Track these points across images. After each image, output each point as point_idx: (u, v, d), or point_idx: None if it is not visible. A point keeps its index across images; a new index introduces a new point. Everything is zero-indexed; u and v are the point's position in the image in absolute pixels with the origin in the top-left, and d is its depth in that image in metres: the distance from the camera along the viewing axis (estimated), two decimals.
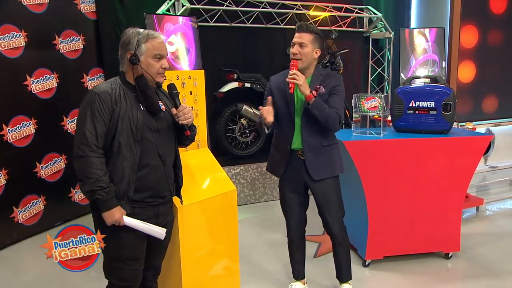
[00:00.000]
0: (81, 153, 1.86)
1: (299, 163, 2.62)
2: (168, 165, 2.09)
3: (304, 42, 2.50)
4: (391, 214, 3.25)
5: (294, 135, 2.60)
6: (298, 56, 2.51)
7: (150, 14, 4.10)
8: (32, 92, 3.97)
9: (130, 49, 1.96)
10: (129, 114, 1.94)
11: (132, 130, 1.94)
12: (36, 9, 3.98)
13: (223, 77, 4.91)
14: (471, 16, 4.71)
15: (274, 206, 4.89)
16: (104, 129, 1.90)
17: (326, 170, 2.62)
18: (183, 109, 2.08)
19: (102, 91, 1.92)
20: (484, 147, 3.32)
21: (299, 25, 2.55)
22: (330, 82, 2.56)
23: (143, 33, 1.98)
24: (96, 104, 1.89)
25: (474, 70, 4.86)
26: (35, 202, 4.07)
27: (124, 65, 2.01)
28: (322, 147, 2.59)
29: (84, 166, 1.85)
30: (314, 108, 2.44)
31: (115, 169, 1.92)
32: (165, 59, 2.04)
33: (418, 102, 3.27)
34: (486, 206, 4.63)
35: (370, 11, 5.90)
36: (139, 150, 1.96)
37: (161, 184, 2.07)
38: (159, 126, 2.05)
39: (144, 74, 1.99)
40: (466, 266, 3.37)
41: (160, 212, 2.10)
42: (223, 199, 2.84)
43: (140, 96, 1.99)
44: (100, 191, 1.85)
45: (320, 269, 3.29)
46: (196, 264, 2.68)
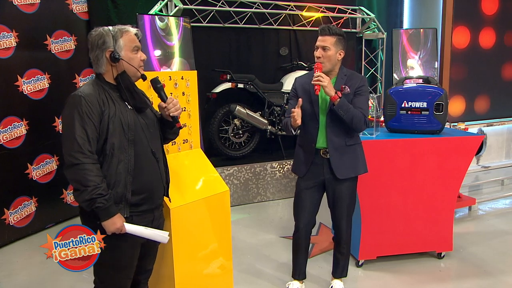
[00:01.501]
0: (74, 161, 1.77)
1: (322, 161, 2.66)
2: (160, 163, 2.07)
3: (327, 45, 2.53)
4: (384, 214, 3.26)
5: (318, 134, 2.64)
6: (321, 59, 2.54)
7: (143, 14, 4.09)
8: (23, 92, 3.95)
9: (107, 47, 1.90)
10: (119, 114, 1.89)
11: (124, 131, 1.89)
12: (27, 9, 3.95)
13: (216, 77, 4.90)
14: (463, 17, 4.75)
15: (267, 206, 4.90)
16: (95, 133, 1.83)
17: (349, 169, 2.67)
18: (172, 101, 2.06)
19: (87, 94, 1.85)
20: (476, 147, 3.34)
21: (321, 28, 2.57)
22: (355, 82, 2.60)
23: (115, 29, 1.94)
24: (84, 108, 1.81)
25: (466, 71, 4.90)
26: (26, 203, 4.04)
27: (102, 66, 1.94)
28: (346, 147, 2.64)
29: (80, 174, 1.77)
30: (340, 108, 2.48)
31: (110, 172, 1.86)
32: (141, 51, 2.01)
33: (411, 102, 3.29)
34: (478, 205, 4.67)
35: (363, 11, 5.92)
36: (133, 151, 1.91)
37: (157, 183, 2.04)
38: (147, 123, 2.02)
39: (127, 70, 1.95)
40: (458, 266, 3.39)
41: (155, 216, 2.07)
42: (216, 200, 2.84)
43: (126, 93, 1.94)
44: (100, 198, 1.77)
45: (314, 269, 3.29)
46: (189, 265, 2.67)
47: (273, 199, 5.07)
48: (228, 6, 4.97)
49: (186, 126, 2.94)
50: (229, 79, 4.87)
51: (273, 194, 5.08)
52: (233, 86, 4.88)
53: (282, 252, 3.58)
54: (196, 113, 3.02)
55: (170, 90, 2.81)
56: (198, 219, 2.72)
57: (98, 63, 1.94)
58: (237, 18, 5.13)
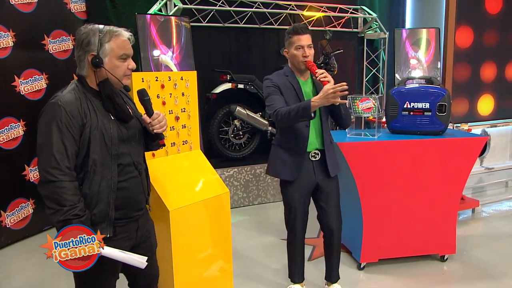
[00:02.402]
0: (51, 178, 1.64)
1: (311, 164, 2.67)
2: (142, 174, 1.96)
3: (311, 43, 2.58)
4: (386, 216, 3.27)
5: (309, 135, 2.63)
6: (310, 57, 2.57)
7: (142, 14, 4.10)
8: (20, 93, 3.96)
9: (91, 50, 1.74)
10: (101, 127, 1.75)
11: (107, 145, 1.76)
12: (24, 9, 3.96)
13: (216, 78, 4.91)
14: (466, 16, 4.75)
15: (268, 208, 4.90)
16: (75, 147, 1.69)
17: (336, 166, 2.74)
18: (157, 116, 1.92)
19: (67, 103, 1.69)
20: (480, 148, 3.34)
21: (301, 27, 2.56)
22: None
23: (104, 30, 1.76)
24: (63, 119, 1.67)
25: (469, 71, 4.90)
26: (23, 205, 4.05)
27: (84, 68, 1.78)
28: (331, 144, 2.72)
29: (56, 192, 1.64)
30: (342, 107, 2.56)
31: (92, 191, 1.74)
32: (131, 59, 1.85)
33: (413, 103, 3.29)
34: (482, 208, 4.67)
35: (365, 11, 5.93)
36: (116, 166, 1.79)
37: (140, 195, 1.94)
38: (130, 134, 1.88)
39: (109, 78, 1.79)
40: (461, 269, 3.39)
41: (139, 225, 1.97)
42: (216, 201, 2.84)
43: (107, 103, 1.79)
44: (75, 220, 1.65)
45: (315, 271, 3.29)
46: (188, 268, 2.68)
47: (274, 201, 5.07)
48: (228, 5, 4.98)
49: (185, 127, 2.95)
50: (229, 79, 4.88)
51: (273, 196, 5.08)
52: (233, 86, 4.89)
53: (283, 254, 3.55)
54: (196, 114, 3.03)
55: (169, 91, 2.82)
56: (198, 221, 2.73)
57: (80, 64, 1.79)
58: (237, 17, 5.14)
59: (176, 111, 2.88)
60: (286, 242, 2.92)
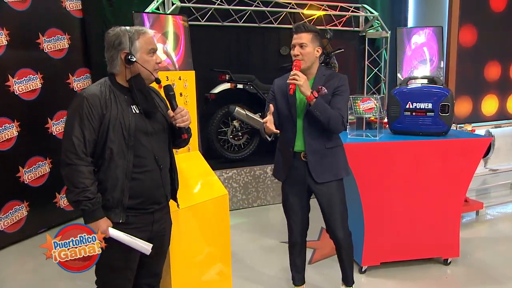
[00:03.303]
0: (68, 161, 1.84)
1: (303, 165, 2.65)
2: (164, 170, 2.08)
3: (304, 42, 2.53)
4: (387, 218, 3.27)
5: (296, 138, 2.63)
6: (300, 57, 2.55)
7: (139, 12, 4.10)
8: (14, 93, 3.96)
9: (123, 48, 1.94)
10: (120, 118, 1.91)
11: (124, 136, 1.92)
12: (18, 6, 3.97)
13: (214, 78, 4.92)
14: (470, 14, 4.75)
15: (267, 210, 4.91)
16: (94, 135, 1.88)
17: (329, 172, 2.64)
18: (180, 111, 2.06)
19: (91, 95, 1.89)
20: (484, 150, 3.35)
21: (296, 26, 2.58)
22: (333, 82, 2.59)
23: (132, 30, 1.97)
24: (85, 109, 1.86)
25: (473, 70, 4.90)
26: (17, 208, 4.05)
27: (116, 67, 1.98)
28: (326, 149, 2.62)
29: (71, 174, 1.84)
30: (315, 109, 2.47)
31: (107, 177, 1.90)
32: (157, 54, 2.04)
33: (415, 103, 3.30)
34: (486, 210, 4.68)
35: (366, 9, 5.94)
36: (132, 157, 1.93)
37: (157, 190, 2.05)
38: (154, 129, 2.03)
39: (141, 72, 1.98)
40: (465, 272, 3.40)
41: (155, 218, 2.07)
42: (214, 203, 2.85)
43: (138, 97, 1.97)
44: (86, 201, 1.82)
45: (316, 275, 3.30)
46: (186, 270, 2.68)
47: (274, 203, 5.08)
48: (227, 4, 4.99)
49: None
50: (228, 79, 4.88)
51: (273, 198, 5.09)
52: (232, 86, 4.90)
53: (283, 257, 3.58)
54: (194, 115, 3.04)
55: None
56: (196, 223, 2.73)
57: (113, 63, 1.98)
58: (236, 16, 5.15)
59: None
60: (286, 245, 2.93)
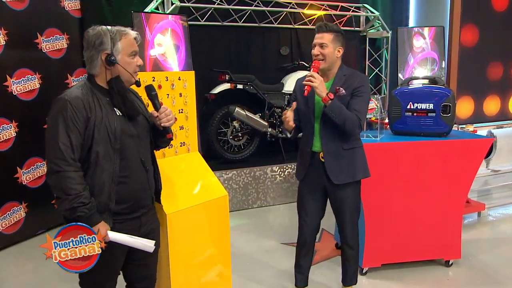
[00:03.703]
0: (57, 168, 1.79)
1: (321, 165, 2.67)
2: (150, 173, 2.07)
3: (325, 42, 2.55)
4: (388, 220, 3.28)
5: (314, 138, 2.66)
6: (320, 57, 2.56)
7: (138, 12, 4.11)
8: (12, 93, 3.96)
9: (104, 49, 1.89)
10: (106, 121, 1.88)
11: (110, 139, 1.88)
12: (16, 6, 3.97)
13: (214, 78, 4.93)
14: (472, 14, 4.75)
15: (267, 212, 4.91)
16: (80, 139, 1.84)
17: (346, 174, 2.66)
18: (164, 110, 2.05)
19: (73, 98, 1.84)
20: (486, 150, 3.36)
21: (318, 25, 2.59)
22: (353, 82, 2.58)
23: (114, 30, 1.92)
24: (69, 113, 1.81)
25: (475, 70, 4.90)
26: (15, 209, 4.05)
27: (95, 67, 1.92)
28: (343, 151, 2.63)
29: (62, 182, 1.79)
30: (331, 111, 2.48)
31: (94, 181, 1.87)
32: (138, 56, 2.00)
33: (417, 103, 3.30)
34: (488, 211, 4.68)
35: (367, 9, 5.95)
36: (118, 160, 1.91)
37: (143, 193, 2.03)
38: (138, 131, 2.01)
39: (121, 74, 1.94)
40: (467, 274, 3.40)
41: (142, 222, 2.05)
42: (214, 205, 2.85)
43: (118, 99, 1.93)
44: (81, 207, 1.78)
45: (317, 277, 3.30)
46: (186, 272, 2.68)
47: (274, 204, 5.08)
48: (227, 4, 4.99)
49: (183, 129, 2.96)
50: (228, 79, 4.89)
51: (273, 199, 5.09)
52: (232, 87, 4.91)
53: (283, 259, 3.59)
54: (194, 115, 3.04)
55: (167, 91, 2.84)
56: (196, 225, 2.74)
57: (92, 64, 1.93)
58: (236, 16, 5.15)
59: (173, 112, 2.87)
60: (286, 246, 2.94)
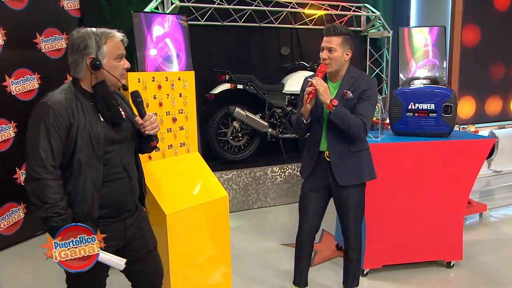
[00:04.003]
0: (35, 175, 1.74)
1: (326, 165, 2.68)
2: (134, 178, 2.03)
3: (333, 46, 2.53)
4: (389, 220, 3.28)
5: (321, 138, 2.67)
6: (327, 61, 2.56)
7: (138, 12, 4.11)
8: (11, 93, 3.97)
9: (89, 52, 1.84)
10: (89, 127, 1.84)
11: (93, 146, 1.84)
12: (15, 6, 3.97)
13: (214, 78, 4.93)
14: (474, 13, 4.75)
15: (268, 212, 4.92)
16: (61, 146, 1.79)
17: (352, 176, 2.67)
18: (149, 118, 2.01)
19: (56, 102, 1.79)
20: (487, 151, 3.36)
21: (327, 28, 2.58)
22: (360, 85, 2.59)
23: (99, 32, 1.87)
24: (51, 119, 1.76)
25: (476, 70, 4.91)
26: (14, 210, 4.06)
27: (80, 71, 1.87)
28: (350, 153, 2.65)
29: (39, 190, 1.74)
30: (335, 117, 2.49)
31: (76, 189, 1.83)
32: (125, 59, 1.96)
33: (418, 104, 3.31)
34: (490, 212, 4.68)
35: (368, 9, 5.96)
36: (102, 167, 1.87)
37: (126, 198, 2.00)
38: (122, 137, 1.96)
39: (107, 79, 1.89)
40: (469, 275, 3.41)
41: (128, 224, 2.02)
42: (214, 205, 2.86)
43: (102, 105, 1.88)
44: (56, 217, 1.74)
45: (318, 278, 3.31)
46: (186, 274, 2.69)
47: (274, 205, 5.09)
48: (227, 3, 5.00)
49: (183, 129, 2.97)
50: (228, 79, 4.89)
51: (273, 199, 5.10)
52: (232, 87, 4.91)
53: (283, 260, 3.60)
54: (194, 115, 3.05)
55: (166, 91, 2.84)
56: (196, 226, 2.74)
57: (77, 68, 1.88)
58: (236, 16, 5.16)
59: (173, 112, 2.90)
60: (286, 247, 2.94)
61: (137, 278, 2.17)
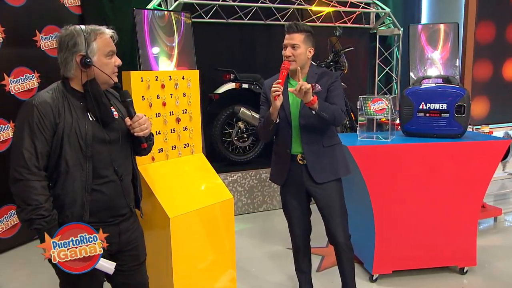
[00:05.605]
0: (19, 177, 1.75)
1: (300, 168, 2.68)
2: (125, 180, 2.02)
3: (296, 43, 2.60)
4: (400, 225, 3.28)
5: (292, 140, 2.67)
6: (291, 58, 2.60)
7: (140, 9, 4.14)
8: (10, 92, 4.01)
9: (78, 50, 1.84)
10: (76, 127, 1.83)
11: (80, 146, 1.84)
12: (14, 2, 4.01)
13: (219, 77, 4.95)
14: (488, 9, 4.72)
15: (273, 215, 4.92)
16: (46, 147, 1.79)
17: (328, 172, 2.69)
18: (138, 119, 1.99)
19: (41, 102, 1.80)
20: (502, 153, 3.35)
21: (288, 25, 2.65)
22: (326, 80, 2.66)
23: (88, 29, 1.87)
24: (35, 119, 1.77)
25: (490, 69, 4.89)
26: (13, 212, 4.08)
27: (70, 70, 1.88)
28: (324, 148, 2.67)
29: (23, 191, 1.74)
30: (322, 110, 2.50)
31: (65, 191, 1.82)
32: (116, 56, 1.96)
33: (429, 104, 3.30)
34: (505, 216, 4.66)
35: (377, 6, 5.95)
36: (91, 168, 1.86)
37: (119, 201, 1.98)
38: (112, 137, 1.95)
39: (98, 76, 1.89)
40: (483, 282, 3.39)
41: (122, 229, 2.01)
42: (219, 208, 2.87)
43: (92, 104, 1.88)
44: (40, 220, 1.73)
45: (325, 284, 3.31)
46: (189, 278, 2.70)
47: (280, 208, 5.01)
48: (232, 0, 5.02)
49: (187, 130, 2.98)
50: (233, 79, 4.91)
51: (279, 202, 5.06)
52: (237, 86, 4.93)
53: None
54: (198, 116, 3.06)
55: (170, 91, 2.86)
56: (200, 229, 2.76)
57: (67, 66, 1.88)
58: (241, 13, 5.17)
59: (177, 112, 2.92)
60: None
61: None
